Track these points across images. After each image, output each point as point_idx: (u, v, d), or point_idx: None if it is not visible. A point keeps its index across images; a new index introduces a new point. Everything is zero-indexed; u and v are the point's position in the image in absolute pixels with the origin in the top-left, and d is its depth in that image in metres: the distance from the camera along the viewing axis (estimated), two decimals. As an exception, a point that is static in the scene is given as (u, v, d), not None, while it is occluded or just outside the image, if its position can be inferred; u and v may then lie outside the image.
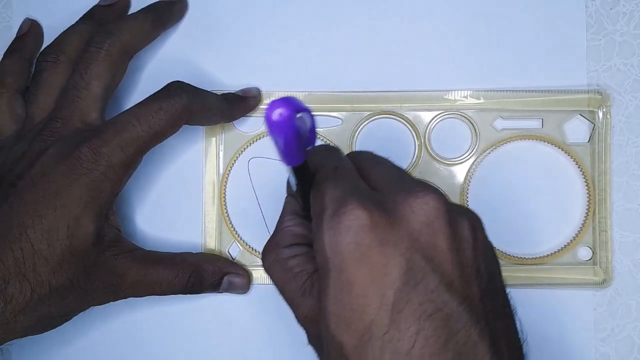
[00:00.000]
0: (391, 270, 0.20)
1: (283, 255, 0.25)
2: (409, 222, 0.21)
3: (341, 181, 0.22)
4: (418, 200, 0.21)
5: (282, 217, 0.27)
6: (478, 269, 0.22)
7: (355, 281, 0.20)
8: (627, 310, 0.34)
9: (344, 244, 0.20)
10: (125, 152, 0.28)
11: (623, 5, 0.34)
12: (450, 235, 0.21)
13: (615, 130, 0.34)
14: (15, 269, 0.26)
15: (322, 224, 0.21)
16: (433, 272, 0.20)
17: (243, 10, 0.35)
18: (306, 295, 0.23)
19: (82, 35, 0.31)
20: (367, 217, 0.20)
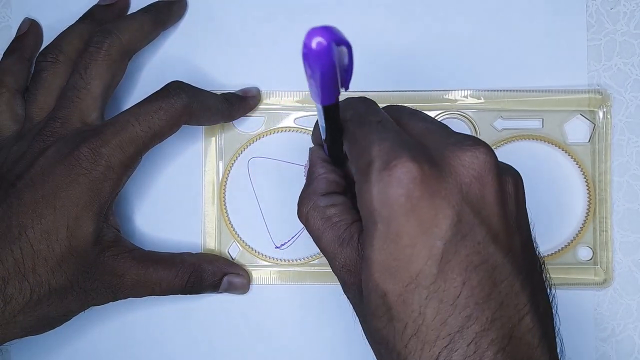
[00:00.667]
0: (441, 222, 0.20)
1: (320, 203, 0.25)
2: (459, 175, 0.21)
3: (387, 134, 0.22)
4: (468, 154, 0.21)
5: (313, 165, 0.26)
6: (519, 223, 0.22)
7: (404, 232, 0.20)
8: (628, 310, 0.33)
9: (395, 196, 0.20)
10: (125, 152, 0.28)
11: (623, 5, 0.34)
12: (498, 189, 0.21)
13: (615, 130, 0.34)
14: (14, 269, 0.26)
15: (369, 176, 0.21)
16: (480, 225, 0.21)
17: (243, 10, 0.35)
18: (344, 245, 0.24)
19: (81, 35, 0.31)
20: (418, 169, 0.20)
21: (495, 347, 0.20)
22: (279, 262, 0.34)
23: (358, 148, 0.22)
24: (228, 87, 0.34)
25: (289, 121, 0.34)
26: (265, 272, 0.34)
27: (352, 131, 0.23)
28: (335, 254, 0.24)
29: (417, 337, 0.20)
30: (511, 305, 0.20)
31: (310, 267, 0.34)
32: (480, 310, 0.20)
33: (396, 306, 0.21)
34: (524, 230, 0.23)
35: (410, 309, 0.20)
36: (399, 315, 0.21)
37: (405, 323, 0.21)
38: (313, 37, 0.18)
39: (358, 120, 0.23)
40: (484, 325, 0.20)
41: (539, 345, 0.21)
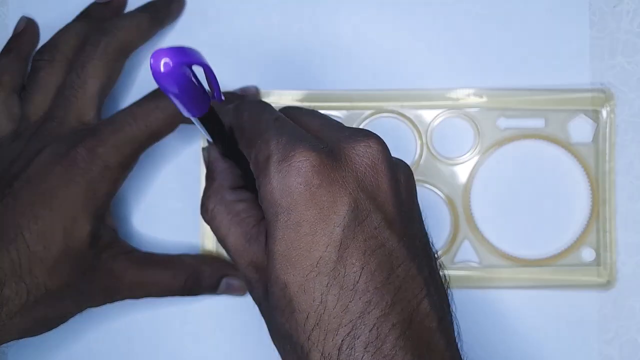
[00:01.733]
0: (339, 209, 0.21)
1: (228, 197, 0.25)
2: (355, 164, 0.22)
3: (284, 129, 0.23)
4: (362, 144, 0.22)
5: (214, 161, 0.27)
6: (412, 211, 0.23)
7: (304, 220, 0.21)
8: (632, 312, 0.33)
9: (295, 184, 0.21)
10: (122, 152, 0.28)
11: (627, 3, 0.34)
12: (391, 177, 0.22)
13: (619, 129, 0.34)
14: (11, 271, 0.26)
15: (268, 169, 0.22)
16: (376, 211, 0.21)
17: (241, 8, 0.34)
18: (252, 242, 0.24)
19: (78, 34, 0.31)
20: (316, 158, 0.21)
21: (397, 331, 0.20)
22: (278, 263, 0.34)
23: (256, 145, 0.23)
24: (227, 86, 0.34)
25: (289, 120, 0.34)
26: (265, 273, 0.34)
27: (249, 130, 0.24)
28: (242, 252, 0.24)
29: (319, 327, 0.20)
30: (409, 290, 0.21)
31: (310, 268, 0.34)
32: (379, 295, 0.20)
33: (297, 297, 0.21)
34: (416, 219, 0.23)
35: (311, 298, 0.21)
36: (300, 305, 0.21)
37: (307, 313, 0.21)
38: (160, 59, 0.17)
39: (254, 119, 0.24)
40: (384, 309, 0.20)
41: (437, 329, 0.21)
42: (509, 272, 0.33)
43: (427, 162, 0.34)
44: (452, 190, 0.34)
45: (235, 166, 0.27)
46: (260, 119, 0.24)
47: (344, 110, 0.34)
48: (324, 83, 0.34)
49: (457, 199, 0.34)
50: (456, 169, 0.34)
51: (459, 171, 0.34)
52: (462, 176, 0.34)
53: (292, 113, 0.25)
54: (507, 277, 0.33)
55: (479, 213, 0.34)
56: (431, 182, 0.34)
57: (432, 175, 0.34)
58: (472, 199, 0.34)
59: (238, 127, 0.25)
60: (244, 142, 0.24)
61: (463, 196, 0.34)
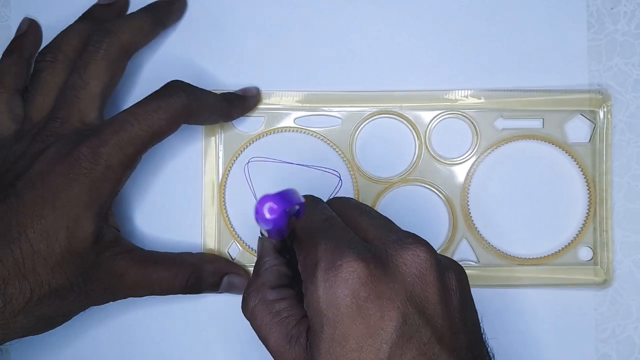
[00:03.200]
0: (387, 324, 0.20)
1: (270, 297, 0.25)
2: (402, 274, 0.21)
3: (333, 233, 0.22)
4: (409, 253, 0.21)
5: (263, 256, 0.26)
6: (464, 319, 0.22)
7: (351, 335, 0.20)
8: (628, 311, 0.33)
9: (341, 297, 0.20)
10: (124, 152, 0.28)
11: (624, 5, 0.34)
12: (440, 287, 0.21)
13: (616, 130, 0.34)
14: (14, 269, 0.26)
15: (315, 276, 0.21)
16: (426, 326, 0.21)
17: (243, 9, 0.35)
18: (292, 343, 0.23)
19: (80, 35, 0.31)
20: (364, 269, 0.20)
21: None
22: (278, 262, 0.34)
23: (305, 248, 0.22)
24: (228, 86, 0.34)
25: (289, 121, 0.34)
26: (265, 272, 0.34)
27: (300, 229, 0.23)
28: (283, 353, 0.23)
29: None
30: None
31: (310, 267, 0.34)
32: None
33: None
34: (469, 325, 0.22)
35: None
36: None
37: None
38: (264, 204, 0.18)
39: (305, 219, 0.23)
40: None
41: None
42: (506, 271, 0.34)
43: (425, 162, 0.34)
44: (450, 190, 0.34)
45: (284, 264, 0.26)
46: (311, 219, 0.23)
47: (344, 112, 0.34)
48: (325, 84, 0.34)
49: (455, 198, 0.34)
50: (455, 169, 0.34)
51: (457, 171, 0.34)
52: (461, 176, 0.34)
53: (339, 207, 0.25)
54: (505, 276, 0.33)
55: (477, 213, 0.34)
56: (430, 182, 0.34)
57: (430, 176, 0.34)
58: (470, 198, 0.34)
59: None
60: (295, 241, 0.24)
61: (461, 196, 0.34)
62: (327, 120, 0.34)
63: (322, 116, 0.34)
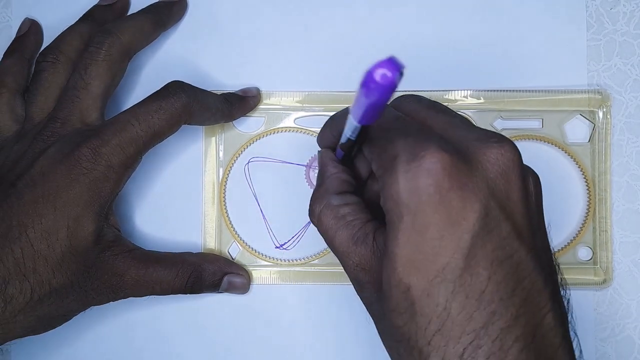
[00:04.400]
0: (469, 215, 0.20)
1: (334, 202, 0.25)
2: (486, 170, 0.21)
3: (409, 128, 0.22)
4: (494, 151, 0.21)
5: (324, 165, 0.26)
6: (540, 222, 0.22)
7: (432, 224, 0.20)
8: (628, 310, 0.33)
9: (424, 186, 0.20)
10: (125, 152, 0.28)
11: (623, 5, 0.34)
12: (522, 187, 0.21)
13: (615, 130, 0.34)
14: (15, 269, 0.26)
15: (395, 168, 0.21)
16: (506, 220, 0.21)
17: (243, 10, 0.35)
18: (359, 244, 0.23)
19: (81, 35, 0.31)
20: (448, 159, 0.20)
21: (520, 344, 0.20)
22: (279, 262, 0.34)
23: (379, 145, 0.22)
24: (228, 87, 0.34)
25: (289, 121, 0.34)
26: (266, 272, 0.34)
27: (371, 130, 0.23)
28: (349, 253, 0.24)
29: (441, 333, 0.20)
30: (534, 303, 0.20)
31: (311, 267, 0.34)
32: (504, 306, 0.20)
33: (420, 301, 0.20)
34: (543, 229, 0.23)
35: (435, 304, 0.20)
36: (423, 310, 0.20)
37: (429, 318, 0.20)
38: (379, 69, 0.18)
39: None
40: (509, 321, 0.20)
41: (561, 345, 0.21)
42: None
43: (425, 162, 0.34)
44: (450, 190, 0.34)
45: (344, 171, 0.26)
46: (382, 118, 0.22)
47: (344, 111, 0.34)
48: (325, 84, 0.34)
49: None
50: (454, 169, 0.34)
51: (457, 171, 0.34)
52: (461, 176, 0.34)
53: (410, 108, 0.24)
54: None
55: (476, 212, 0.34)
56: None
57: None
58: (470, 198, 0.34)
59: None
60: (366, 142, 0.23)
61: (461, 196, 0.34)
62: (327, 120, 0.34)
63: (322, 116, 0.34)
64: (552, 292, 0.21)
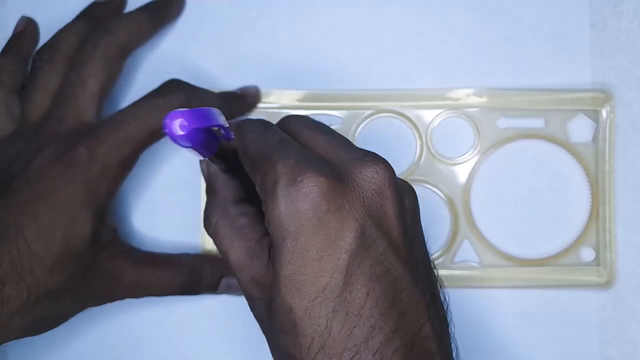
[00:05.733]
0: (346, 235, 0.21)
1: (231, 211, 0.25)
2: (361, 189, 0.22)
3: (290, 152, 0.23)
4: (369, 169, 0.22)
5: (214, 175, 0.27)
6: (416, 235, 0.23)
7: (311, 246, 0.21)
8: (631, 312, 0.33)
9: (302, 210, 0.21)
10: (122, 152, 0.28)
11: (627, 3, 0.34)
12: (397, 203, 0.22)
13: (619, 129, 0.34)
14: (11, 270, 0.26)
15: (276, 193, 0.21)
16: (382, 237, 0.21)
17: (241, 8, 0.35)
18: (254, 259, 0.24)
19: (78, 34, 0.31)
20: (324, 183, 0.21)
21: (399, 355, 0.20)
22: (278, 262, 0.34)
23: (261, 168, 0.23)
24: (227, 85, 0.34)
25: (289, 120, 0.34)
26: (265, 272, 0.34)
27: (253, 152, 0.23)
28: (244, 268, 0.24)
29: (323, 351, 0.21)
30: (412, 314, 0.21)
31: (310, 267, 0.34)
32: (383, 320, 0.21)
33: (302, 321, 0.21)
34: (419, 242, 0.24)
35: (316, 323, 0.21)
36: (305, 330, 0.21)
37: (311, 338, 0.21)
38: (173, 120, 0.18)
39: (258, 141, 0.24)
40: (388, 334, 0.20)
41: (438, 352, 0.22)
42: (508, 271, 0.33)
43: (427, 162, 0.34)
44: (452, 190, 0.34)
45: (236, 179, 0.26)
46: (264, 141, 0.24)
47: (344, 110, 0.34)
48: (324, 83, 0.34)
49: (457, 198, 0.34)
50: (456, 168, 0.34)
51: (458, 171, 0.34)
52: (462, 176, 0.34)
53: (294, 128, 0.25)
54: (507, 276, 0.33)
55: (478, 213, 0.34)
56: (431, 182, 0.34)
57: (432, 175, 0.34)
58: (472, 198, 0.34)
59: (241, 148, 0.24)
60: (248, 163, 0.24)
61: (463, 196, 0.34)
62: (327, 119, 0.34)
63: (322, 115, 0.34)
64: (429, 301, 0.22)
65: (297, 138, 0.24)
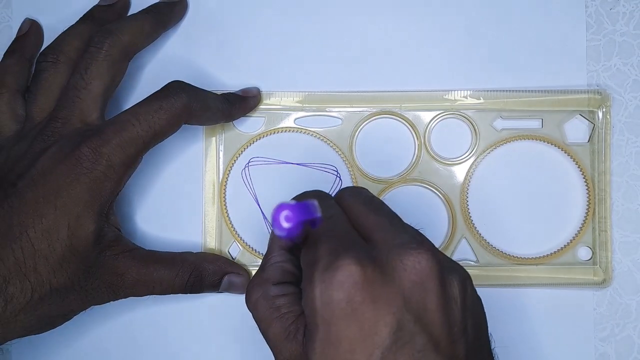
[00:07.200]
0: (381, 329, 0.20)
1: (271, 292, 0.25)
2: (401, 280, 0.21)
3: (335, 232, 0.22)
4: (411, 259, 0.21)
5: (270, 251, 0.26)
6: (465, 327, 0.22)
7: (344, 337, 0.20)
8: (627, 310, 0.33)
9: (336, 299, 0.20)
10: (126, 152, 0.28)
11: (623, 5, 0.34)
12: (441, 295, 0.21)
13: (615, 130, 0.34)
14: (15, 269, 0.26)
15: (314, 275, 0.21)
16: (421, 333, 0.20)
17: (243, 10, 0.35)
18: (290, 339, 0.23)
19: (82, 36, 0.31)
20: (360, 273, 0.20)
21: None
22: (279, 261, 0.34)
23: (307, 246, 0.22)
24: (228, 87, 0.34)
25: (289, 121, 0.34)
26: (266, 271, 0.34)
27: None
28: (281, 348, 0.24)
29: None
30: None
31: (310, 266, 0.34)
32: None
33: None
34: (470, 333, 0.22)
35: None
36: None
37: None
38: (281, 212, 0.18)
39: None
40: None
41: None
42: (505, 270, 0.34)
43: (425, 162, 0.34)
44: (450, 190, 0.34)
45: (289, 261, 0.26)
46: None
47: (344, 112, 0.34)
48: (325, 84, 0.34)
49: (454, 198, 0.34)
50: (454, 169, 0.34)
51: (456, 171, 0.34)
52: (460, 176, 0.34)
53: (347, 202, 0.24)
54: (504, 275, 0.33)
55: (476, 212, 0.34)
56: (429, 182, 0.34)
57: (430, 176, 0.34)
58: (470, 198, 0.34)
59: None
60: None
61: (461, 196, 0.34)
62: (327, 120, 0.34)
63: (322, 116, 0.34)
64: None
65: (350, 213, 0.24)
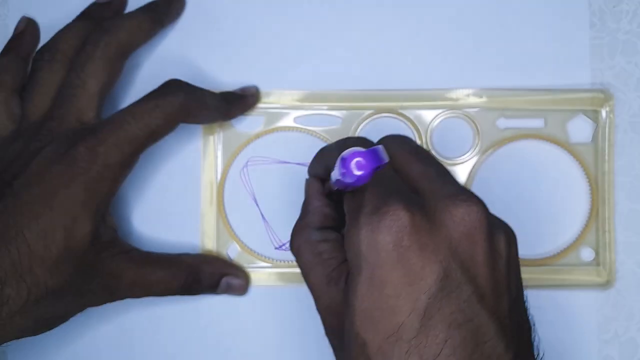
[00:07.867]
0: (427, 275, 0.20)
1: (313, 237, 0.25)
2: (449, 230, 0.21)
3: (381, 177, 0.22)
4: (460, 210, 0.21)
5: (309, 197, 0.26)
6: (509, 284, 0.22)
7: (389, 281, 0.20)
8: (631, 312, 0.33)
9: (383, 242, 0.20)
10: (122, 151, 0.28)
11: (626, 4, 0.34)
12: (488, 249, 0.21)
13: (618, 129, 0.34)
14: (11, 270, 0.26)
15: (359, 219, 0.21)
16: (467, 283, 0.20)
17: (241, 8, 0.35)
18: (331, 285, 0.23)
19: (78, 34, 0.31)
20: (409, 219, 0.20)
21: None
22: (278, 263, 0.34)
23: (351, 190, 0.22)
24: (227, 85, 0.34)
25: (289, 120, 0.34)
26: (265, 273, 0.34)
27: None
28: (321, 294, 0.24)
29: None
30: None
31: (310, 267, 0.34)
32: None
33: (375, 358, 0.20)
34: (513, 291, 0.22)
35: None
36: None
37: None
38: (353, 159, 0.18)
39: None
40: None
41: None
42: (508, 271, 0.33)
43: (426, 162, 0.34)
44: (451, 190, 0.34)
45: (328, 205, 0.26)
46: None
47: (344, 111, 0.34)
48: (324, 83, 0.34)
49: (456, 198, 0.34)
50: (456, 168, 0.34)
51: (458, 171, 0.34)
52: (462, 176, 0.34)
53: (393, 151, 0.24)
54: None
55: (478, 213, 0.34)
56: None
57: (431, 175, 0.34)
58: (472, 198, 0.34)
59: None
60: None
61: (462, 196, 0.34)
62: (327, 119, 0.34)
63: (322, 115, 0.34)
64: (514, 356, 0.21)
65: (394, 161, 0.23)
